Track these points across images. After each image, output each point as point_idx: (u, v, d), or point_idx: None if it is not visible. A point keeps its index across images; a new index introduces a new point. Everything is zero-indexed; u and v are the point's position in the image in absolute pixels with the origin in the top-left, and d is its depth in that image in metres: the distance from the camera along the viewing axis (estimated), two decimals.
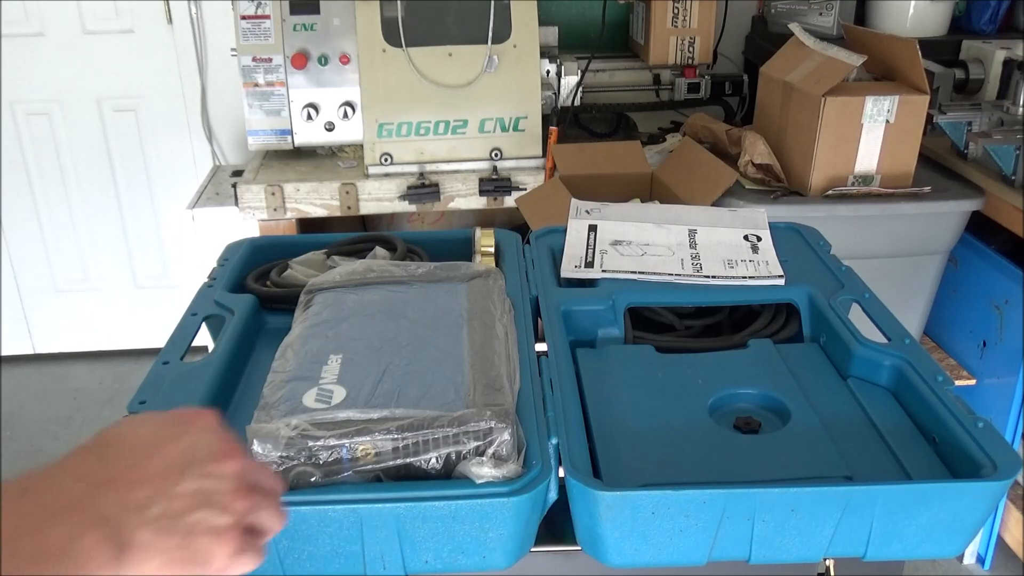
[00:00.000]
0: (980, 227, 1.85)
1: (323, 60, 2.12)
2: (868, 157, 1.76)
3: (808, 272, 1.20)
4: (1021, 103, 1.86)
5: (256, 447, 0.78)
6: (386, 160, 2.13)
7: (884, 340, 1.02)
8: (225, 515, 0.47)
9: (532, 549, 0.83)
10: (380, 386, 0.86)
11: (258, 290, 1.15)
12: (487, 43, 2.09)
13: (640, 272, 1.17)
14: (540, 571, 0.91)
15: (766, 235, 1.27)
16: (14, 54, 2.79)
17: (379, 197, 2.13)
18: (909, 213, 1.77)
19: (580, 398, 0.95)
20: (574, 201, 1.34)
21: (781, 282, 1.16)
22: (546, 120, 2.19)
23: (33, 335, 3.17)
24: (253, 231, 2.14)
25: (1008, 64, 1.97)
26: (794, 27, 1.91)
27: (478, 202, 2.17)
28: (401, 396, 0.85)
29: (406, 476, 0.80)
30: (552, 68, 2.24)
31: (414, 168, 2.15)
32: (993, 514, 1.89)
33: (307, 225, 2.21)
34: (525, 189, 2.14)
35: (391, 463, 0.80)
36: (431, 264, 1.13)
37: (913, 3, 2.25)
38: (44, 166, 2.94)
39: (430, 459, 0.80)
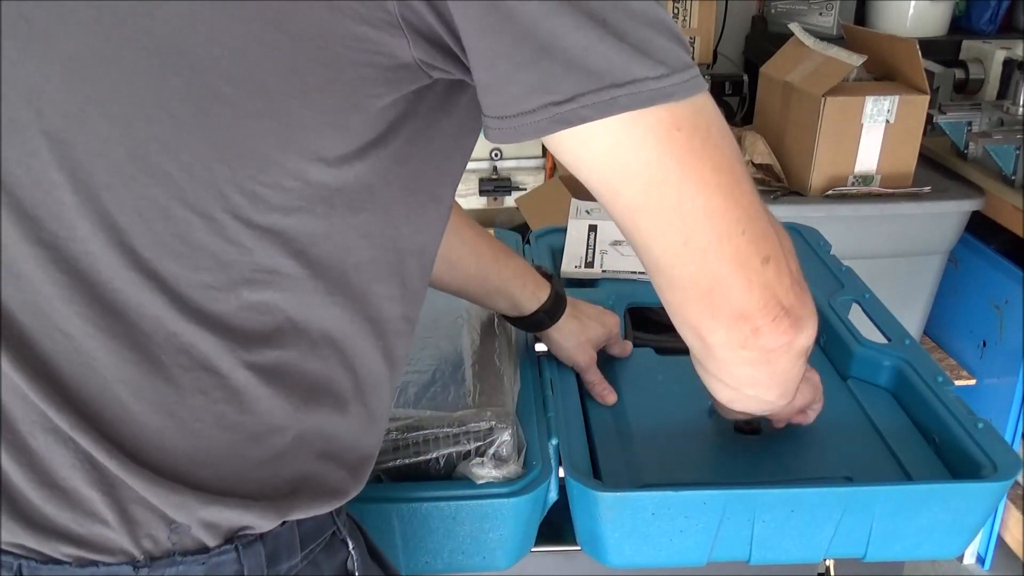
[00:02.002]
0: (980, 227, 1.85)
1: None
2: (868, 157, 1.76)
3: (808, 272, 1.18)
4: (1021, 103, 1.86)
5: None
6: None
7: (884, 340, 1.02)
8: (814, 372, 0.81)
9: (532, 549, 0.83)
10: None
11: None
12: None
13: (640, 272, 1.17)
14: (540, 571, 0.91)
15: None
16: None
17: None
18: (909, 213, 1.77)
19: (580, 398, 0.95)
20: (574, 201, 1.34)
21: None
22: None
23: None
24: None
25: (1008, 64, 1.96)
26: (794, 27, 1.91)
27: (478, 202, 2.17)
28: (401, 396, 0.85)
29: (407, 476, 0.80)
30: None
31: None
32: (993, 514, 1.89)
33: None
34: (525, 189, 2.14)
35: (392, 463, 0.80)
36: None
37: (913, 3, 2.25)
38: None
39: (431, 459, 0.80)
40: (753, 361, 0.60)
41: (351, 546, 0.63)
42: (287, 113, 0.49)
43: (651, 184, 0.51)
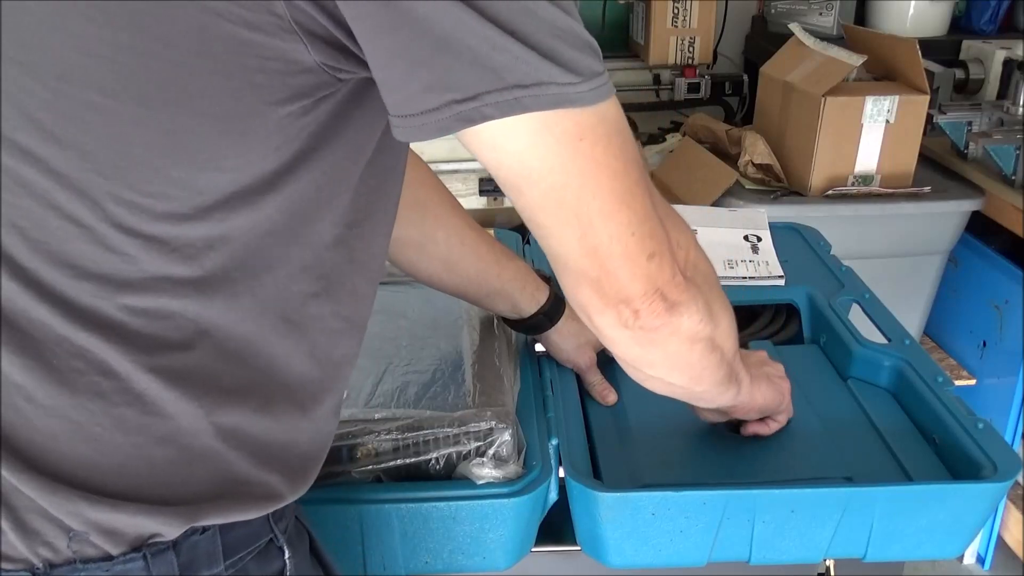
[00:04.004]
0: (980, 227, 1.85)
1: None
2: (868, 157, 1.76)
3: (808, 272, 1.20)
4: (1021, 103, 1.86)
5: None
6: None
7: (884, 341, 1.02)
8: (785, 381, 0.88)
9: (532, 549, 0.83)
10: (380, 386, 0.86)
11: None
12: None
13: None
14: (540, 571, 0.91)
15: (766, 235, 1.27)
16: None
17: None
18: (909, 213, 1.77)
19: (580, 399, 0.95)
20: None
21: (781, 282, 1.16)
22: None
23: None
24: None
25: (1008, 64, 1.97)
26: (794, 27, 1.91)
27: (478, 202, 2.16)
28: (401, 396, 0.85)
29: (407, 476, 0.80)
30: None
31: None
32: (993, 514, 1.89)
33: None
34: None
35: (392, 463, 0.80)
36: None
37: (913, 3, 2.25)
38: None
39: (431, 459, 0.79)
40: (639, 341, 0.63)
41: (287, 555, 0.61)
42: (169, 122, 0.48)
43: (553, 188, 0.54)
